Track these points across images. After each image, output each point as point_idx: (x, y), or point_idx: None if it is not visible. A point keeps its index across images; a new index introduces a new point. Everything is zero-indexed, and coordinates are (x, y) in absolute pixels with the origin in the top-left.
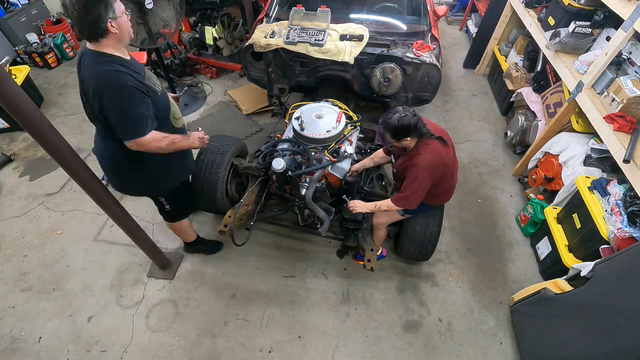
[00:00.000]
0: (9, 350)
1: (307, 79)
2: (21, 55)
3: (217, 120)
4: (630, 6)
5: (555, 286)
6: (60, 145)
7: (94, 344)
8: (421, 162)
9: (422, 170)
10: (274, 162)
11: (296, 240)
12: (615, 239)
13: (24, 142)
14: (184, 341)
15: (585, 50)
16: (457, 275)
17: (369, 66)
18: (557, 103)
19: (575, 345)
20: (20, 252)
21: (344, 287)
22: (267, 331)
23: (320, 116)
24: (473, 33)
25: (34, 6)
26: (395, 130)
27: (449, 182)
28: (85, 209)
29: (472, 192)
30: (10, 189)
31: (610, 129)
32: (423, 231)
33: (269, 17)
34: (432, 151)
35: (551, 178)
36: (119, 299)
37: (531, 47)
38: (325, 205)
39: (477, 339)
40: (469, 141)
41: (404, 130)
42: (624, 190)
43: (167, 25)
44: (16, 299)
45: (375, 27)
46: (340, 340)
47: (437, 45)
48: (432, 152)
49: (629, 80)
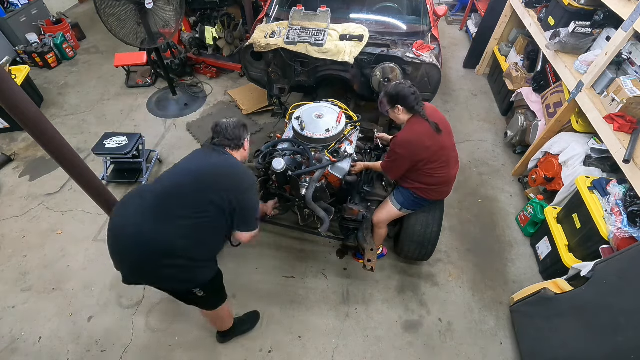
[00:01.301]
0: (9, 350)
1: (307, 79)
2: (21, 55)
3: (217, 120)
4: (630, 6)
5: (555, 286)
6: (60, 145)
7: (94, 344)
8: (399, 137)
9: (397, 146)
10: (274, 162)
11: (296, 240)
12: (615, 239)
13: (24, 142)
14: (184, 341)
15: (585, 50)
16: (457, 275)
17: (369, 66)
18: (557, 103)
19: (575, 345)
20: (20, 252)
21: (344, 287)
22: (267, 331)
23: (320, 116)
24: (473, 33)
25: (34, 6)
26: (390, 95)
27: (441, 172)
28: (85, 209)
29: (472, 192)
30: (10, 189)
31: (610, 129)
32: (423, 231)
33: (269, 17)
34: (414, 131)
35: (551, 178)
36: (119, 299)
37: (531, 47)
38: (325, 205)
39: (477, 339)
40: (469, 141)
41: (396, 96)
42: (624, 190)
43: (167, 25)
44: (16, 299)
45: (375, 27)
46: (340, 340)
47: (437, 45)
48: (413, 131)
49: (629, 80)
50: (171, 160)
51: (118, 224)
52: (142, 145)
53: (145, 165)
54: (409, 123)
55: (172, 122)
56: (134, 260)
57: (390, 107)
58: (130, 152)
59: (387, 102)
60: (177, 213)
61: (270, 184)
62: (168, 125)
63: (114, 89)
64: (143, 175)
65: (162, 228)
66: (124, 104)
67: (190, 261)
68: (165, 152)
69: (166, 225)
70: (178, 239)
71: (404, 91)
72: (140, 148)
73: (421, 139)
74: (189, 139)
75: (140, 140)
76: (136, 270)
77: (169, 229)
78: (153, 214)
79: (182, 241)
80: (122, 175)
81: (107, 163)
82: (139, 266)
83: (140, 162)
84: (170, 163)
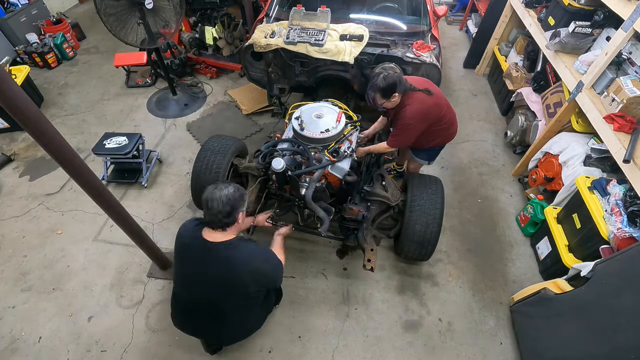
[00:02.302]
0: (9, 350)
1: (307, 79)
2: (21, 55)
3: (217, 120)
4: (630, 6)
5: (555, 286)
6: (60, 145)
7: (94, 344)
8: (407, 112)
9: (409, 119)
10: (274, 162)
11: (296, 240)
12: (615, 239)
13: (24, 142)
14: (184, 341)
15: (585, 50)
16: (457, 275)
17: (369, 66)
18: (557, 103)
19: (575, 346)
20: (20, 252)
21: (344, 287)
22: (267, 331)
23: (320, 116)
24: (473, 33)
25: (34, 6)
26: (383, 90)
27: (448, 121)
28: (85, 209)
29: (472, 192)
30: (10, 189)
31: (610, 129)
32: (423, 231)
33: (269, 17)
34: (416, 100)
35: (551, 178)
36: (119, 299)
37: (531, 47)
38: (325, 205)
39: (477, 339)
40: (469, 141)
41: (391, 87)
42: (624, 190)
43: (167, 25)
44: (16, 299)
45: (375, 27)
46: (340, 340)
47: (437, 45)
48: (416, 101)
49: (629, 80)
50: (171, 160)
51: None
52: (142, 145)
53: (145, 165)
54: (406, 99)
55: (172, 122)
56: None
57: (386, 99)
58: (130, 152)
59: (381, 96)
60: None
61: (270, 184)
62: (168, 125)
63: (114, 89)
64: (143, 175)
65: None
66: (124, 104)
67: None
68: (165, 152)
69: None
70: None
71: (393, 79)
72: (140, 148)
73: (426, 104)
74: (189, 139)
75: (140, 140)
76: None
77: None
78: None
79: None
80: (122, 175)
81: (107, 163)
82: None
83: (140, 162)
84: (171, 163)
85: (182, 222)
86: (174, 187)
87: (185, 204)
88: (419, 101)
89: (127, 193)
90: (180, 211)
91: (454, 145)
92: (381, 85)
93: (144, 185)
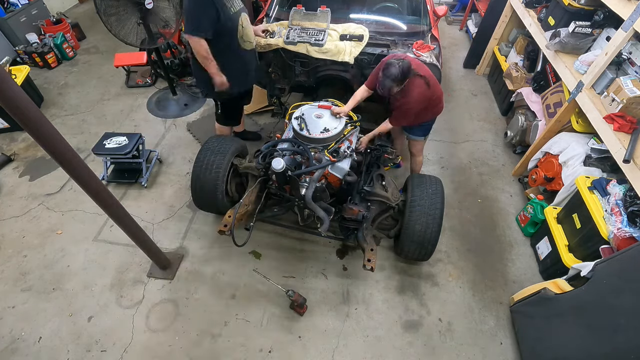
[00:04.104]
0: (9, 350)
1: (307, 79)
2: (21, 55)
3: None
4: (630, 6)
5: (555, 286)
6: (60, 145)
7: (94, 344)
8: (411, 97)
9: (414, 102)
10: (274, 162)
11: (296, 240)
12: (615, 239)
13: (24, 142)
14: (184, 341)
15: (585, 50)
16: (457, 275)
17: (369, 66)
18: (557, 103)
19: (575, 346)
20: (20, 252)
21: (344, 287)
22: (267, 331)
23: (320, 116)
24: (473, 33)
25: (34, 6)
26: (401, 81)
27: (437, 94)
28: (85, 209)
29: (472, 192)
30: (10, 189)
31: (610, 129)
32: (423, 231)
33: (269, 17)
34: (417, 85)
35: (551, 178)
36: (119, 299)
37: (531, 47)
38: (325, 205)
39: (477, 339)
40: (469, 141)
41: (405, 74)
42: (624, 190)
43: (167, 25)
44: (16, 299)
45: (375, 27)
46: (340, 340)
47: (437, 45)
48: (417, 85)
49: (629, 80)
50: (171, 160)
51: None
52: (142, 145)
53: (145, 165)
54: (409, 83)
55: (172, 122)
56: None
57: (399, 87)
58: (130, 152)
59: (396, 85)
60: None
61: (270, 183)
62: (168, 125)
63: (114, 89)
64: (143, 175)
65: None
66: (124, 104)
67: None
68: (165, 152)
69: None
70: None
71: (408, 65)
72: (140, 148)
73: (426, 89)
74: (189, 139)
75: (140, 140)
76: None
77: None
78: None
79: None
80: (122, 175)
81: (107, 163)
82: None
83: (140, 162)
84: (171, 163)
85: (182, 222)
86: (174, 187)
87: (185, 204)
88: (419, 85)
89: (127, 193)
90: (180, 211)
91: (454, 145)
92: (399, 77)
93: (144, 185)
